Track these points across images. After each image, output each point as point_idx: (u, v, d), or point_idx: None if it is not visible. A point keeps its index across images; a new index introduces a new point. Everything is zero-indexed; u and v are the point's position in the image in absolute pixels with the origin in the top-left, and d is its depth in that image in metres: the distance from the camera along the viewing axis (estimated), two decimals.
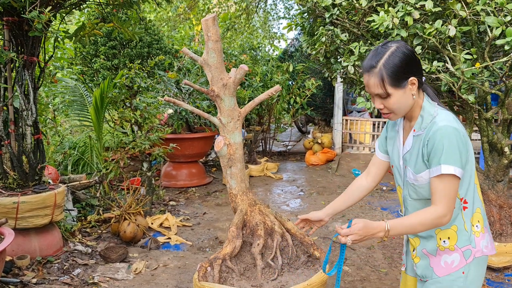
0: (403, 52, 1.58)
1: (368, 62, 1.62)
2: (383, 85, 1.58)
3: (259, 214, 2.87)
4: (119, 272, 3.79)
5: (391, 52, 1.58)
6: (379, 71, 1.57)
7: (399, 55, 1.57)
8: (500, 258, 3.71)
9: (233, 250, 2.75)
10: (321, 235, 4.74)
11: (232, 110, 2.88)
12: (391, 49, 1.59)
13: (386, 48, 1.60)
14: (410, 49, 1.59)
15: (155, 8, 14.09)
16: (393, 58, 1.57)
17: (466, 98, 3.05)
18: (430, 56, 3.47)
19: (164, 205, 5.72)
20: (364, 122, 8.93)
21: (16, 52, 3.72)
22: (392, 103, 1.61)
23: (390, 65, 1.56)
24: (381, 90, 1.59)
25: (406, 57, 1.58)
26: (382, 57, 1.58)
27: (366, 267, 3.94)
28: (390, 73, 1.56)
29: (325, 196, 6.31)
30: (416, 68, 1.60)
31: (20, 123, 3.83)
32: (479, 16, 2.78)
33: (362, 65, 1.66)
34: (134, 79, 5.39)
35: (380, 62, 1.58)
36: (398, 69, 1.56)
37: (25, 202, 3.64)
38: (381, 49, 1.61)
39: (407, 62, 1.57)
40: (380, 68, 1.57)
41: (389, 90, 1.58)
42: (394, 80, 1.57)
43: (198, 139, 6.72)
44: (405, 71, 1.57)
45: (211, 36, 2.82)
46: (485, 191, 3.88)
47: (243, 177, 2.91)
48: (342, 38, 3.63)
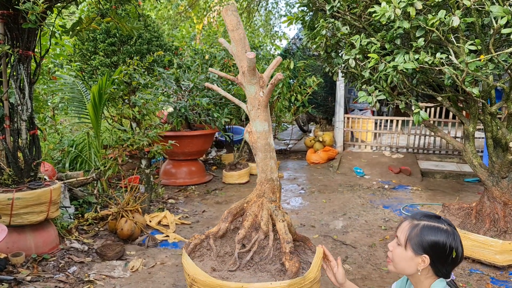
0: (444, 239, 1.58)
1: (419, 214, 1.68)
2: (406, 236, 1.63)
3: (257, 206, 2.80)
4: (116, 270, 3.72)
5: (439, 228, 1.60)
6: (415, 226, 1.63)
7: (439, 235, 1.58)
8: (504, 256, 3.62)
9: (217, 231, 2.86)
10: (321, 233, 4.66)
11: (253, 98, 2.81)
12: (442, 226, 1.61)
13: (440, 222, 1.63)
14: (451, 246, 1.58)
15: (156, 6, 14.04)
16: (434, 233, 1.59)
17: (470, 91, 2.97)
18: (432, 50, 3.39)
19: (163, 203, 5.65)
20: (366, 120, 8.84)
21: (11, 46, 3.65)
22: (396, 254, 1.67)
23: (424, 233, 1.60)
24: (401, 237, 1.65)
25: (440, 243, 1.58)
26: (429, 223, 1.62)
27: (368, 265, 3.86)
28: (419, 235, 1.60)
29: (326, 195, 6.23)
30: (440, 259, 1.60)
31: (15, 118, 3.76)
32: (484, 6, 2.70)
33: (415, 212, 1.76)
34: (133, 75, 5.33)
35: (424, 223, 1.62)
36: (425, 242, 1.59)
37: (20, 198, 3.57)
38: (436, 219, 1.63)
39: (436, 246, 1.58)
40: (418, 225, 1.62)
41: (403, 242, 1.64)
42: (415, 243, 1.60)
43: (197, 137, 6.64)
44: (428, 248, 1.59)
45: (228, 26, 2.82)
46: (489, 188, 3.80)
47: (264, 167, 2.82)
48: (343, 31, 3.56)
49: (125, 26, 4.78)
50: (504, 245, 3.59)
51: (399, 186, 6.68)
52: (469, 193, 6.34)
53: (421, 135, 8.37)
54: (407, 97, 3.80)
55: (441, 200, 5.89)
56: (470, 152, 3.89)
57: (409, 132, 8.37)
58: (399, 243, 1.66)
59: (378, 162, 7.89)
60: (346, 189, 6.51)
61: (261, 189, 2.85)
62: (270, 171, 2.83)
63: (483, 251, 3.69)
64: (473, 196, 6.18)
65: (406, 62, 3.09)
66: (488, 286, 3.45)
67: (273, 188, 2.84)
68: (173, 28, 14.70)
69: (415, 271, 1.63)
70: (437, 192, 6.40)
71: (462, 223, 3.95)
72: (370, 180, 7.03)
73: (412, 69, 3.12)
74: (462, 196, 6.16)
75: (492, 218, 3.76)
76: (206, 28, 17.11)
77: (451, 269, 1.62)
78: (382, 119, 8.75)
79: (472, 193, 6.33)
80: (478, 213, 3.88)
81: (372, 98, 3.46)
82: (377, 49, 3.39)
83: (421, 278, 1.65)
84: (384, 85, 3.52)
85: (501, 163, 3.74)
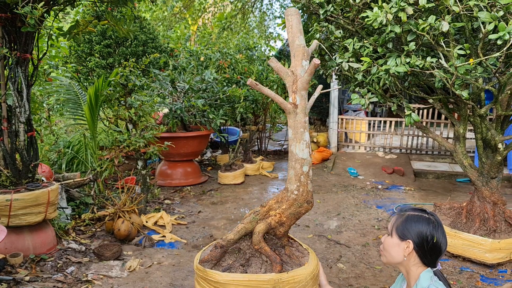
0: (427, 228, 1.69)
1: (407, 208, 1.81)
2: (392, 224, 1.77)
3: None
4: (113, 269, 3.77)
5: (422, 217, 1.72)
6: (401, 216, 1.76)
7: (422, 224, 1.70)
8: (494, 254, 3.71)
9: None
10: (316, 233, 4.73)
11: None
12: (425, 215, 1.73)
13: (424, 213, 1.75)
14: (432, 233, 1.69)
15: (151, 8, 14.06)
16: (416, 220, 1.71)
17: (459, 94, 3.06)
18: (424, 53, 3.47)
19: (159, 204, 5.70)
20: (359, 121, 8.94)
21: (9, 48, 3.69)
22: (386, 243, 1.79)
23: (408, 221, 1.72)
24: (389, 226, 1.79)
25: (424, 232, 1.69)
26: (413, 213, 1.75)
27: (361, 264, 3.94)
28: (402, 222, 1.73)
29: (320, 195, 6.31)
30: (420, 243, 1.70)
31: (13, 120, 3.80)
32: (472, 12, 2.79)
33: (401, 208, 1.85)
34: (129, 77, 5.37)
35: (409, 213, 1.75)
36: (408, 226, 1.71)
37: (18, 199, 3.61)
38: (421, 211, 1.76)
39: (419, 232, 1.70)
40: (404, 215, 1.76)
41: (390, 230, 1.77)
42: (400, 229, 1.73)
43: (193, 138, 6.70)
44: (411, 234, 1.70)
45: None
46: (479, 188, 3.89)
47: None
48: (337, 35, 3.63)
49: (122, 29, 4.83)
50: (493, 243, 3.68)
51: (393, 186, 6.77)
52: (460, 193, 6.44)
53: (414, 136, 8.48)
54: (399, 99, 3.88)
55: (434, 200, 5.98)
56: (460, 153, 3.98)
57: (402, 133, 8.47)
58: (389, 233, 1.78)
59: (372, 163, 7.98)
60: (340, 190, 6.60)
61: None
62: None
63: (473, 250, 3.78)
64: (464, 196, 6.28)
65: (397, 66, 3.17)
66: (478, 283, 3.54)
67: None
68: (167, 29, 14.74)
69: (402, 258, 1.75)
70: (429, 192, 6.50)
71: (453, 223, 4.03)
72: (363, 181, 7.12)
73: (403, 72, 3.20)
74: (453, 196, 6.26)
75: (482, 218, 3.85)
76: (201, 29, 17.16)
77: (436, 258, 1.73)
78: (375, 119, 8.84)
79: (463, 193, 6.44)
80: (468, 213, 3.97)
81: (365, 100, 3.54)
82: (370, 53, 3.47)
83: (410, 265, 1.76)
84: (377, 88, 3.60)
85: (490, 164, 3.84)
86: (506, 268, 3.81)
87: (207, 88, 6.90)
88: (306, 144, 2.68)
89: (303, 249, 2.91)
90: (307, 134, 2.70)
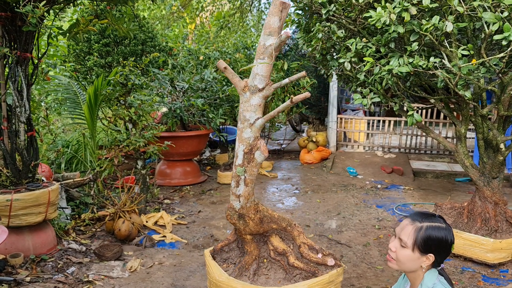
0: (445, 235, 1.73)
1: (418, 215, 1.79)
2: (413, 238, 1.74)
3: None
4: (114, 270, 3.75)
5: (439, 226, 1.74)
6: (419, 229, 1.74)
7: (441, 234, 1.73)
8: (495, 254, 3.72)
9: None
10: (316, 232, 4.73)
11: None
12: (441, 224, 1.75)
13: (437, 221, 1.77)
14: (451, 240, 1.74)
15: (149, 6, 14.02)
16: (436, 231, 1.72)
17: (462, 94, 3.06)
18: (425, 53, 3.47)
19: (158, 203, 5.68)
20: (358, 120, 8.95)
21: (9, 48, 3.67)
22: (402, 255, 1.77)
23: (429, 233, 1.72)
24: (408, 240, 1.75)
25: (443, 240, 1.73)
26: (430, 223, 1.75)
27: (362, 264, 3.94)
28: (424, 237, 1.72)
29: (320, 194, 6.30)
30: (442, 253, 1.76)
31: (13, 120, 3.78)
32: (476, 12, 2.78)
33: (412, 213, 1.84)
34: (128, 77, 5.35)
35: (426, 225, 1.74)
36: (430, 241, 1.72)
37: (18, 199, 3.59)
38: (434, 218, 1.78)
39: (440, 244, 1.73)
40: (422, 227, 1.73)
41: (411, 245, 1.74)
42: (421, 244, 1.72)
43: (192, 137, 6.68)
44: (433, 246, 1.72)
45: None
46: (481, 188, 3.90)
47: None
48: (339, 35, 3.62)
49: (122, 28, 4.80)
50: (495, 243, 3.69)
51: (392, 186, 6.78)
52: (460, 193, 6.45)
53: (413, 135, 8.49)
54: (401, 99, 3.88)
55: (433, 200, 5.99)
56: (462, 153, 3.98)
57: (401, 132, 8.48)
58: (405, 245, 1.76)
59: (371, 162, 7.99)
60: (339, 189, 6.60)
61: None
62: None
63: (475, 250, 3.79)
64: (464, 195, 6.29)
65: (400, 66, 3.17)
66: (480, 283, 3.54)
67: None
68: (165, 28, 14.69)
69: (419, 268, 1.77)
70: (429, 191, 6.51)
71: (454, 222, 4.04)
72: (363, 180, 7.12)
73: (406, 72, 3.19)
74: (453, 195, 6.28)
75: (483, 217, 3.85)
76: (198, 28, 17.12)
77: (444, 259, 1.80)
78: (374, 119, 8.85)
79: (463, 193, 6.45)
80: (469, 213, 3.97)
81: (367, 100, 3.53)
82: (372, 53, 3.46)
83: (421, 271, 1.79)
84: (379, 88, 3.59)
85: (492, 164, 3.84)
86: (508, 268, 3.82)
87: (207, 87, 6.88)
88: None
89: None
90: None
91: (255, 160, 2.62)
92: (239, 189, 2.70)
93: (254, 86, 2.58)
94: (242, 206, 2.72)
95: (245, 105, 2.63)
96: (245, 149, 2.64)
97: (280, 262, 2.81)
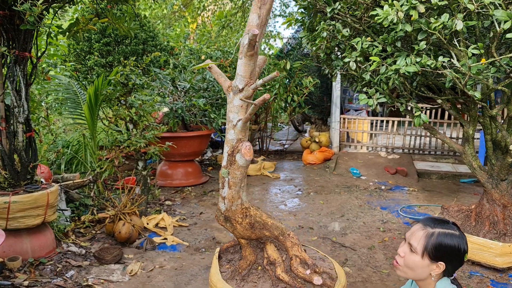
0: (458, 244, 1.64)
1: (430, 221, 1.71)
2: (423, 244, 1.65)
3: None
4: (114, 273, 3.68)
5: (452, 233, 1.65)
6: (431, 235, 1.65)
7: (454, 241, 1.64)
8: (504, 258, 3.63)
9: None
10: (320, 235, 4.65)
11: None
12: (454, 231, 1.66)
13: (451, 228, 1.68)
14: (464, 249, 1.65)
15: (150, 5, 13.96)
16: (449, 238, 1.64)
17: (472, 94, 2.97)
18: (431, 53, 3.38)
19: (159, 205, 5.60)
20: (361, 120, 8.85)
21: (7, 47, 3.59)
22: (411, 261, 1.68)
23: (440, 240, 1.64)
24: (417, 246, 1.66)
25: (456, 249, 1.63)
26: (443, 230, 1.66)
27: (368, 268, 3.86)
28: (436, 243, 1.64)
29: (323, 196, 6.22)
30: (453, 262, 1.66)
31: (11, 120, 3.70)
32: (487, 10, 2.70)
33: (424, 218, 1.76)
34: (129, 76, 5.27)
35: (439, 231, 1.66)
36: (442, 248, 1.63)
37: (16, 202, 3.51)
38: (448, 225, 1.69)
39: (452, 252, 1.64)
40: (434, 233, 1.65)
41: (421, 251, 1.66)
42: (431, 251, 1.64)
43: (194, 138, 6.61)
44: (444, 254, 1.64)
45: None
46: (489, 190, 3.81)
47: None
48: (344, 34, 3.54)
49: (123, 27, 4.73)
50: (504, 247, 3.60)
51: (396, 187, 6.70)
52: (465, 194, 6.36)
53: (417, 135, 8.39)
54: (407, 99, 3.79)
55: (438, 201, 5.91)
56: (469, 154, 3.89)
57: (404, 133, 8.40)
58: (414, 251, 1.67)
59: (374, 163, 7.90)
60: (343, 190, 6.51)
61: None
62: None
63: (483, 254, 3.70)
64: (469, 197, 6.21)
65: (408, 65, 3.08)
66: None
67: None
68: (167, 27, 14.62)
69: (428, 276, 1.68)
70: (433, 193, 6.42)
71: (462, 226, 3.95)
72: (366, 181, 7.04)
73: (413, 72, 3.11)
74: (459, 197, 6.19)
75: (492, 221, 3.77)
76: (200, 27, 17.05)
77: (457, 269, 1.70)
78: (377, 119, 8.76)
79: (468, 194, 6.36)
80: (477, 216, 3.89)
81: (373, 101, 3.45)
82: (378, 52, 3.38)
83: (430, 280, 1.70)
84: (385, 88, 3.51)
85: (500, 166, 3.75)
86: None
87: (208, 87, 6.81)
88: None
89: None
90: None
91: (236, 163, 2.52)
92: (224, 191, 2.61)
93: (236, 86, 2.49)
94: (227, 208, 2.63)
95: (229, 106, 2.54)
96: (229, 151, 2.55)
97: (269, 272, 2.69)
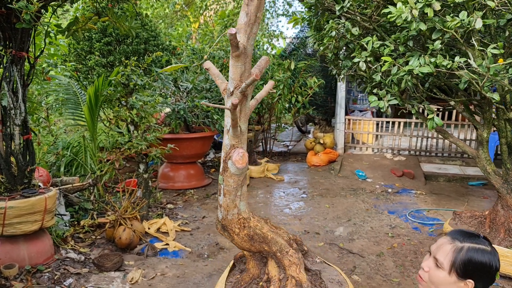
0: (489, 260, 1.50)
1: (459, 234, 1.59)
2: (450, 259, 1.53)
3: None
4: (114, 282, 3.54)
5: (483, 249, 1.52)
6: (460, 250, 1.53)
7: (485, 258, 1.50)
8: None
9: None
10: (327, 241, 4.50)
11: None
12: (486, 247, 1.53)
13: (482, 242, 1.55)
14: (496, 267, 1.51)
15: (152, 5, 13.83)
16: (479, 254, 1.51)
17: (490, 96, 2.82)
18: (443, 52, 3.24)
19: (161, 208, 5.46)
20: (367, 121, 8.70)
21: (4, 46, 3.46)
22: (436, 276, 1.56)
23: (470, 255, 1.51)
24: (444, 261, 1.55)
25: (487, 266, 1.50)
26: (473, 244, 1.53)
27: (377, 276, 3.71)
28: (465, 259, 1.51)
29: (329, 199, 6.08)
30: (483, 280, 1.53)
31: (8, 122, 3.57)
32: (507, 8, 2.55)
33: (452, 230, 1.64)
34: (130, 77, 5.14)
35: (468, 246, 1.53)
36: (471, 265, 1.51)
37: (12, 207, 3.38)
38: (478, 239, 1.56)
39: (483, 269, 1.51)
40: (463, 248, 1.53)
41: (448, 267, 1.53)
42: (460, 267, 1.52)
43: (196, 139, 6.47)
44: (474, 272, 1.51)
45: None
46: (504, 195, 3.66)
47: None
48: (354, 33, 3.39)
49: (123, 26, 4.60)
50: None
51: (403, 190, 6.54)
52: (474, 197, 6.21)
53: (423, 137, 8.23)
54: (419, 101, 3.65)
55: (447, 205, 5.76)
56: (483, 158, 3.74)
57: (411, 134, 8.24)
58: (441, 266, 1.54)
59: (380, 165, 7.75)
60: (349, 193, 6.37)
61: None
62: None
63: None
64: (479, 200, 6.05)
65: (421, 66, 2.94)
66: None
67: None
68: (169, 27, 14.49)
69: None
70: (441, 196, 6.27)
71: None
72: (372, 184, 6.89)
73: (427, 72, 2.97)
74: (468, 201, 6.03)
75: (507, 228, 3.62)
76: (202, 27, 16.91)
77: (488, 287, 1.55)
78: (383, 120, 8.60)
79: (477, 198, 6.21)
80: (492, 222, 3.74)
81: (384, 103, 3.31)
82: (389, 52, 3.23)
83: None
84: (396, 89, 3.37)
85: None
86: None
87: (211, 87, 6.67)
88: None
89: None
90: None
91: (228, 170, 2.37)
92: (220, 198, 2.47)
93: (228, 89, 2.34)
94: (223, 217, 2.48)
95: (226, 110, 2.40)
96: (223, 157, 2.41)
97: None
